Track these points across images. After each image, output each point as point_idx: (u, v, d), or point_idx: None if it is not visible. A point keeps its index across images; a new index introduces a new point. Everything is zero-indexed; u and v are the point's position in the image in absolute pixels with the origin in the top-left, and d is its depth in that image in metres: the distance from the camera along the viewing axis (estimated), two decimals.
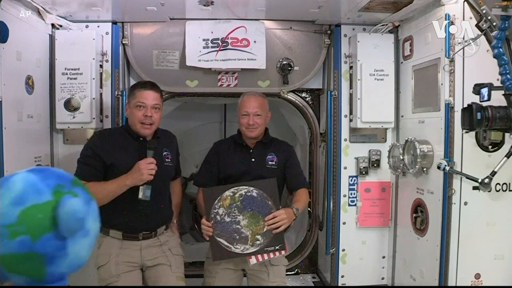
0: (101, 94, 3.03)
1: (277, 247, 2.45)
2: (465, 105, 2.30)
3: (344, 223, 3.24)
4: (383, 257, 3.29)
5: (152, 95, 2.36)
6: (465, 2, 2.43)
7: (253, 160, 2.63)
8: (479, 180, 2.28)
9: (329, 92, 3.28)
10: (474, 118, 2.17)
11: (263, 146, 2.69)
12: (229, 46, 3.18)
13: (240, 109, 2.63)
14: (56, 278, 0.76)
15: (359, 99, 3.06)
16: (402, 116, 3.14)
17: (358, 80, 3.06)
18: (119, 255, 2.33)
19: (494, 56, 2.24)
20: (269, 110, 2.70)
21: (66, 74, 2.88)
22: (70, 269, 0.79)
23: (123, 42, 3.17)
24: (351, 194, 3.25)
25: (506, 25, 2.17)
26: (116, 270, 2.31)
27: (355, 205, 3.25)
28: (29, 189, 0.73)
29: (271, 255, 2.45)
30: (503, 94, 2.17)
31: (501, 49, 2.21)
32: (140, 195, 2.23)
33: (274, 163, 2.65)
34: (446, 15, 2.47)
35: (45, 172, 0.81)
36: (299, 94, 3.56)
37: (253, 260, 2.44)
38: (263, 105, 2.63)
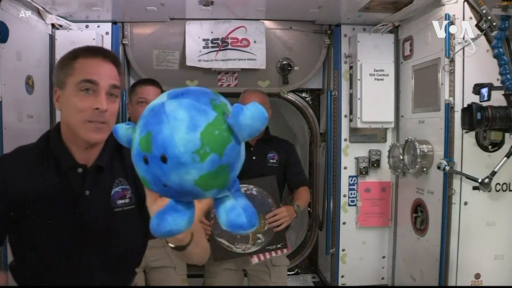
0: None
1: (279, 246, 2.44)
2: (465, 105, 2.30)
3: (344, 223, 3.24)
4: (383, 257, 3.29)
5: (153, 90, 2.37)
6: (465, 2, 2.43)
7: (254, 158, 2.62)
8: (479, 180, 2.28)
9: (329, 92, 3.28)
10: (474, 118, 2.16)
11: (264, 144, 2.68)
12: (229, 46, 3.17)
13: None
14: (232, 182, 0.86)
15: (359, 99, 3.05)
16: (402, 116, 3.14)
17: (358, 80, 3.06)
18: None
19: (494, 56, 2.24)
20: (270, 107, 2.69)
21: None
22: (239, 170, 0.87)
23: (123, 42, 3.17)
24: (351, 194, 3.25)
25: (506, 25, 2.17)
26: None
27: (355, 205, 3.24)
28: (195, 113, 0.76)
29: (273, 253, 2.45)
30: (503, 94, 2.16)
31: (501, 49, 2.21)
32: None
33: (275, 161, 2.65)
34: (446, 15, 2.46)
35: (189, 94, 0.83)
36: (299, 94, 3.56)
37: (255, 260, 2.43)
38: (264, 102, 2.61)
